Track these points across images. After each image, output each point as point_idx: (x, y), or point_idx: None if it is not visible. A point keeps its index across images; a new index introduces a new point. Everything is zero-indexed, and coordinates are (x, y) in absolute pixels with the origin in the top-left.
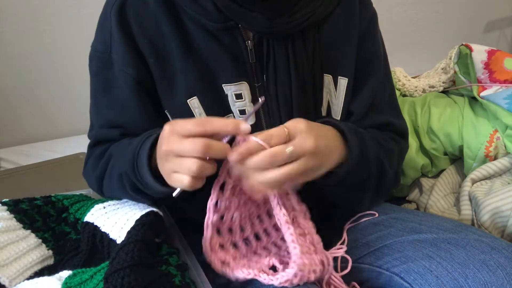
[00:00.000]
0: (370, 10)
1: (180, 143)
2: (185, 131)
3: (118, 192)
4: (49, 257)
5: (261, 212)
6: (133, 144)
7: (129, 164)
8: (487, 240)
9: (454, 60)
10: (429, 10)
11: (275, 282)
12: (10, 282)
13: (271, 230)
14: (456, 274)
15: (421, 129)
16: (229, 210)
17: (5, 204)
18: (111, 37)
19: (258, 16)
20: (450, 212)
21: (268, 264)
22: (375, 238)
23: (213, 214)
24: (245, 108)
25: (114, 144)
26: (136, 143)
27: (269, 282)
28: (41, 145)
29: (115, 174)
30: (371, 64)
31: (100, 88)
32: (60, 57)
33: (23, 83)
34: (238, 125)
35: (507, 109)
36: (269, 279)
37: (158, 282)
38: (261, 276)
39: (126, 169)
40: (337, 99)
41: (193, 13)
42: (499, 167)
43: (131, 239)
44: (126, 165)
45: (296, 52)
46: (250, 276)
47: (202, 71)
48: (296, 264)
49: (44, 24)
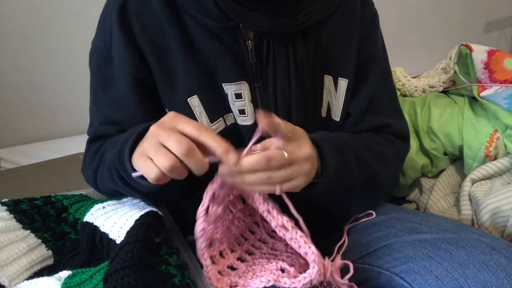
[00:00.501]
0: (372, 11)
1: (170, 133)
2: (183, 126)
3: (109, 184)
4: (48, 257)
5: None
6: (123, 136)
7: (116, 156)
8: (487, 240)
9: (454, 60)
10: (429, 10)
11: (297, 284)
12: (10, 282)
13: (266, 237)
14: (456, 274)
15: (421, 129)
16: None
17: (4, 204)
18: (112, 35)
19: (260, 16)
20: (450, 212)
21: (277, 267)
22: (375, 238)
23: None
24: (244, 107)
25: (110, 139)
26: (125, 135)
27: (291, 285)
28: (41, 145)
29: (106, 166)
30: (371, 65)
31: (100, 85)
32: (60, 57)
33: (23, 83)
34: (227, 152)
35: (507, 109)
36: (291, 282)
37: (158, 282)
38: (281, 280)
39: (113, 160)
40: (337, 100)
41: (194, 13)
42: (499, 167)
43: (131, 239)
44: (115, 156)
45: (296, 52)
46: (269, 284)
47: (202, 70)
48: (315, 263)
49: (44, 24)
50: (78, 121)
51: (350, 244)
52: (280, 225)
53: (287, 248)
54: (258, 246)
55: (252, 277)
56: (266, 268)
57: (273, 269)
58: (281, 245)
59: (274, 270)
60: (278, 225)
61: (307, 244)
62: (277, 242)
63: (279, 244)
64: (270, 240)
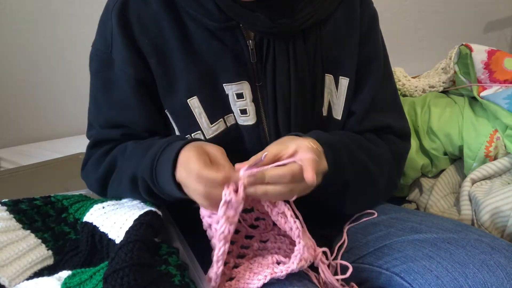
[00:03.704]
0: (371, 10)
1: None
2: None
3: (127, 194)
4: (48, 257)
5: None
6: (152, 150)
7: (147, 170)
8: (487, 240)
9: (454, 60)
10: (429, 10)
11: (293, 266)
12: (10, 282)
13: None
14: (456, 274)
15: (421, 129)
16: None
17: (4, 204)
18: (112, 37)
19: (260, 16)
20: (450, 212)
21: (273, 261)
22: (375, 238)
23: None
24: (246, 107)
25: (120, 146)
26: (156, 150)
27: (288, 270)
28: (41, 145)
29: (127, 177)
30: (371, 64)
31: (101, 87)
32: (60, 57)
33: (23, 83)
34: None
35: (507, 109)
36: (286, 268)
37: (158, 282)
38: (277, 271)
39: (142, 174)
40: (338, 99)
41: (194, 13)
42: (499, 167)
43: (130, 239)
44: (143, 170)
45: (296, 52)
46: (267, 279)
47: (202, 71)
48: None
49: (44, 24)
50: (78, 121)
51: (350, 244)
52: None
53: (276, 234)
54: (248, 244)
55: (250, 277)
56: (263, 264)
57: (269, 263)
58: (269, 234)
59: (270, 264)
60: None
61: (292, 217)
62: (263, 231)
63: (265, 234)
64: (256, 232)
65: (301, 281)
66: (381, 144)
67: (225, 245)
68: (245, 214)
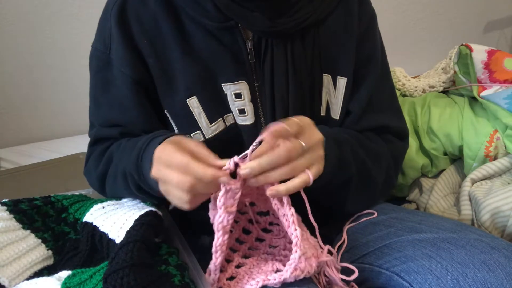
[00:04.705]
0: (369, 10)
1: (168, 175)
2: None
3: (122, 191)
4: (48, 257)
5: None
6: (138, 145)
7: (133, 166)
8: (487, 239)
9: (454, 60)
10: (429, 10)
11: (286, 275)
12: (10, 282)
13: (262, 234)
14: (456, 274)
15: (421, 129)
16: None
17: (4, 204)
18: (111, 37)
19: (259, 16)
20: (450, 212)
21: (273, 269)
22: (375, 238)
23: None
24: (244, 107)
25: (116, 143)
26: (140, 145)
27: (281, 278)
28: (41, 145)
29: (120, 174)
30: (369, 64)
31: (100, 87)
32: (60, 57)
33: (23, 83)
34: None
35: (507, 109)
36: (280, 275)
37: (158, 282)
38: (270, 278)
39: (130, 170)
40: (336, 99)
41: (192, 13)
42: (499, 167)
43: (130, 239)
44: (131, 166)
45: (295, 51)
46: (259, 285)
47: (201, 71)
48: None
49: (44, 24)
50: (78, 121)
51: (350, 244)
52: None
53: (287, 242)
54: (256, 247)
55: (247, 280)
56: (263, 270)
57: (268, 270)
58: (279, 241)
59: (268, 271)
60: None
61: (294, 224)
62: (275, 237)
63: (276, 239)
64: (267, 236)
65: (301, 281)
66: (380, 142)
67: (223, 235)
68: (259, 217)
